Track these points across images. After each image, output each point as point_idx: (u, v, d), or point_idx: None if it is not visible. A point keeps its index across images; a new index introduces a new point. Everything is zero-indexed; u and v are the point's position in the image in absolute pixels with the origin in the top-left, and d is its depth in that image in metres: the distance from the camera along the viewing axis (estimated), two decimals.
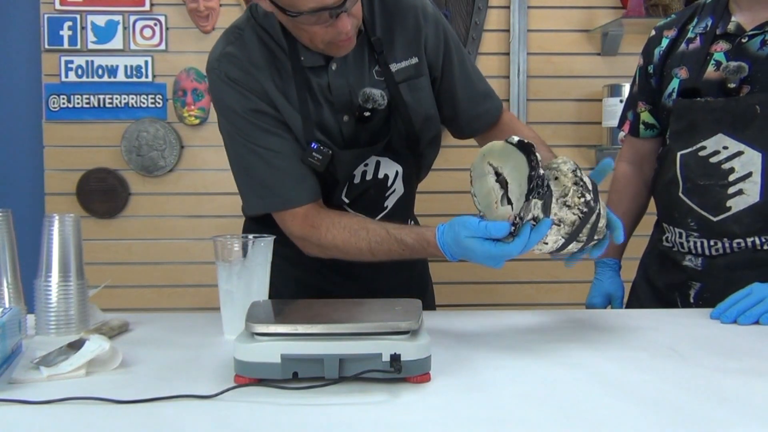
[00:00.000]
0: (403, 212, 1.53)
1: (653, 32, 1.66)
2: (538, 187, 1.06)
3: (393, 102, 1.38)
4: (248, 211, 1.43)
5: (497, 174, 1.11)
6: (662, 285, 1.61)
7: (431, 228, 1.22)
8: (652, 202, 1.72)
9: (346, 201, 1.44)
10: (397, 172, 1.45)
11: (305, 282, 1.49)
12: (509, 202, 1.08)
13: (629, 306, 1.70)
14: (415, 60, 1.40)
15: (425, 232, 1.24)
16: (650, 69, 1.64)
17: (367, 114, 1.36)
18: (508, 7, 2.83)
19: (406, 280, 1.57)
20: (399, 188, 1.47)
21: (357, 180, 1.42)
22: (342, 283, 1.46)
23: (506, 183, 1.09)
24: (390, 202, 1.48)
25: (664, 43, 1.61)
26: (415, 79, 1.40)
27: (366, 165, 1.41)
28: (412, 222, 1.60)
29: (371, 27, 1.37)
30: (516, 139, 1.08)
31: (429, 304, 1.69)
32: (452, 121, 1.51)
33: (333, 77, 1.35)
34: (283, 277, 1.28)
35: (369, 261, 1.31)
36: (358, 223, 1.31)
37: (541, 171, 1.06)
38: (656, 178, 1.64)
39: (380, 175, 1.44)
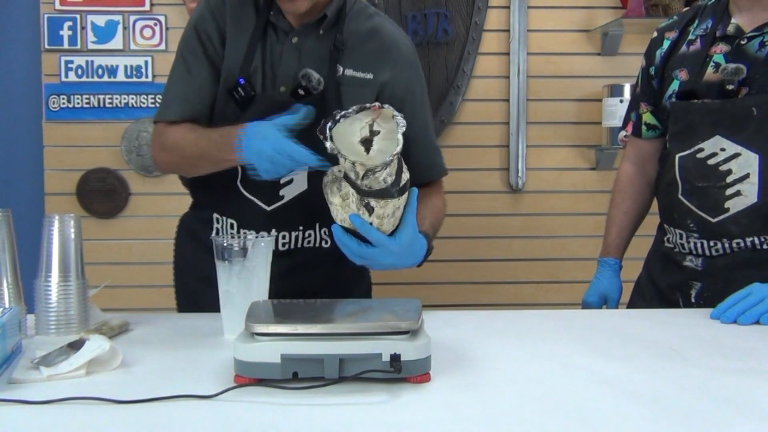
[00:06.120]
0: (307, 211, 1.48)
1: (655, 34, 1.66)
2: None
3: (329, 97, 1.41)
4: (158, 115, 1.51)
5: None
6: (664, 285, 1.61)
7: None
8: (655, 202, 1.72)
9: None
10: None
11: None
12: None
13: (633, 305, 1.70)
14: (369, 76, 1.46)
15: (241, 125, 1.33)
16: (652, 70, 1.64)
17: (300, 92, 1.40)
18: (508, 7, 2.83)
19: (338, 276, 1.55)
20: (300, 182, 1.45)
21: None
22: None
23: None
24: (287, 193, 1.46)
25: (666, 44, 1.61)
26: (360, 88, 1.45)
27: None
28: (326, 230, 1.52)
29: (349, 34, 1.45)
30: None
31: None
32: None
33: (288, 48, 1.44)
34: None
35: (196, 158, 1.41)
36: (201, 126, 1.43)
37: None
38: (658, 180, 1.64)
39: None
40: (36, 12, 2.80)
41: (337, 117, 1.13)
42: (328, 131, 1.10)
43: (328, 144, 1.09)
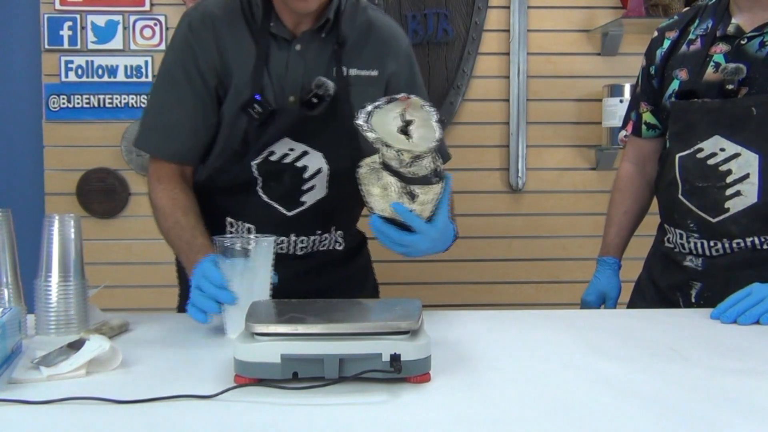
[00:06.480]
0: (325, 215, 1.49)
1: (656, 33, 1.66)
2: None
3: (339, 99, 1.41)
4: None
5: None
6: (665, 285, 1.61)
7: (209, 250, 1.27)
8: (655, 202, 1.72)
9: (256, 172, 1.42)
10: (320, 170, 1.44)
11: None
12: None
13: (633, 305, 1.70)
14: (374, 73, 1.46)
15: (207, 248, 1.30)
16: (652, 70, 1.64)
17: (314, 100, 1.39)
18: (508, 7, 2.83)
19: (346, 277, 1.58)
20: (320, 187, 1.46)
21: (275, 157, 1.42)
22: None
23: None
24: (308, 199, 1.46)
25: (666, 44, 1.61)
26: (367, 86, 1.45)
27: (292, 149, 1.42)
28: (341, 233, 1.55)
29: (348, 32, 1.45)
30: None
31: None
32: None
33: (293, 56, 1.43)
34: None
35: (166, 239, 1.42)
36: (185, 205, 1.41)
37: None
38: (658, 180, 1.64)
39: (299, 164, 1.43)
40: (36, 12, 2.79)
41: (370, 109, 1.13)
42: (367, 123, 1.11)
43: (370, 135, 1.09)
